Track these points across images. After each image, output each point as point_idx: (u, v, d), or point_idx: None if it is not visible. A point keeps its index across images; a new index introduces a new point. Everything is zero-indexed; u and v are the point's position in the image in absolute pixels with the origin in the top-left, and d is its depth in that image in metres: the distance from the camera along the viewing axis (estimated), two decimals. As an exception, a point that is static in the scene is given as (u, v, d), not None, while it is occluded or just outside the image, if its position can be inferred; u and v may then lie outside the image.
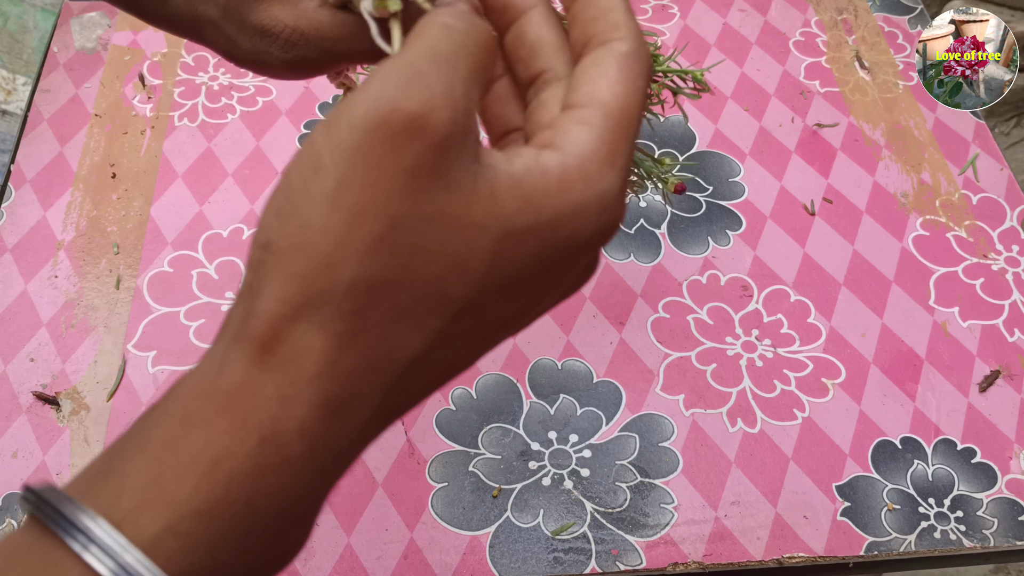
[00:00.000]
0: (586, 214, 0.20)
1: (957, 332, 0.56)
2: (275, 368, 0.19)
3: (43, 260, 0.57)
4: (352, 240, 0.18)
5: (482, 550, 0.47)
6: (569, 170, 0.20)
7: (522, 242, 0.20)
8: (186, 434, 0.19)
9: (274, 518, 0.19)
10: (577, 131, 0.21)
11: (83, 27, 0.71)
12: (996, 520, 0.48)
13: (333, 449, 0.20)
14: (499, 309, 0.21)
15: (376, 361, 0.19)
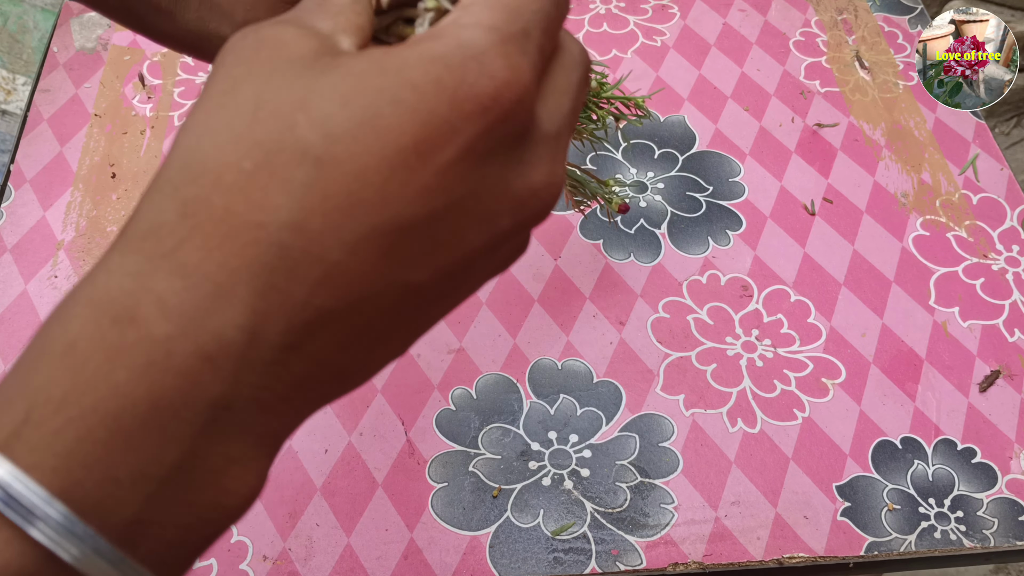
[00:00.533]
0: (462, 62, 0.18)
1: (957, 332, 0.56)
2: (133, 250, 0.18)
3: (43, 260, 0.57)
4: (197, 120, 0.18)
5: (482, 550, 0.47)
6: (437, 28, 0.19)
7: (371, 79, 0.18)
8: (49, 328, 0.18)
9: (149, 414, 0.17)
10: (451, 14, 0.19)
11: (83, 27, 0.71)
12: (996, 520, 0.48)
13: (214, 335, 0.17)
14: (388, 167, 0.18)
15: (238, 227, 0.17)
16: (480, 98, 0.18)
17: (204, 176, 0.18)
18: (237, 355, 0.18)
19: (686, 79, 0.69)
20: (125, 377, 0.17)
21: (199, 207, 0.17)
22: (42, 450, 0.17)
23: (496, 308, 0.56)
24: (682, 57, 0.71)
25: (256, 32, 0.19)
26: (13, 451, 0.16)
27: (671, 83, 0.69)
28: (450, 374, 0.53)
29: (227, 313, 0.17)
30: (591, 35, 0.72)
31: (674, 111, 0.67)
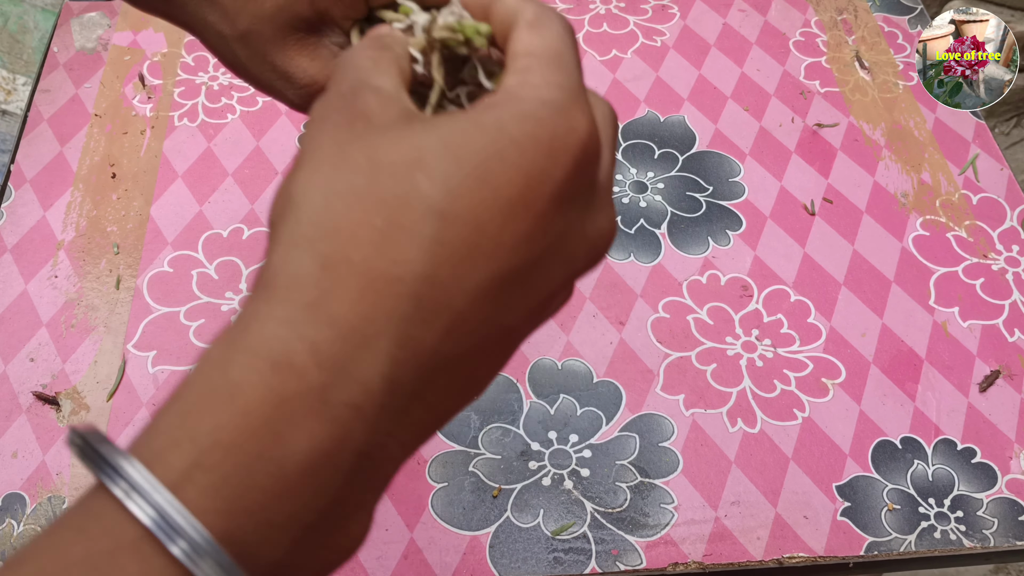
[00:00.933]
0: (538, 116, 0.20)
1: (957, 332, 0.56)
2: (275, 300, 0.19)
3: (43, 260, 0.57)
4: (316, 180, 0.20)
5: (482, 550, 0.47)
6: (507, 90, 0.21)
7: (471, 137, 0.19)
8: (208, 373, 0.19)
9: (309, 462, 0.18)
10: (506, 78, 0.22)
11: (83, 27, 0.71)
12: (996, 520, 0.48)
13: (362, 384, 0.18)
14: (498, 218, 0.19)
15: (378, 281, 0.18)
16: (571, 149, 0.20)
17: (339, 232, 0.19)
18: (379, 404, 0.19)
19: (686, 79, 0.69)
20: (288, 426, 0.18)
21: (339, 261, 0.18)
22: (211, 495, 0.17)
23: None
24: (682, 57, 0.71)
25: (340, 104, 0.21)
26: (185, 493, 0.17)
27: (671, 83, 0.69)
28: (450, 374, 0.53)
29: (372, 363, 0.18)
30: (591, 35, 0.72)
31: (674, 111, 0.67)
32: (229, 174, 0.62)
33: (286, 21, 0.30)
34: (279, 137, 0.65)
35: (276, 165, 0.63)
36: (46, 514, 0.47)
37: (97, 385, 0.52)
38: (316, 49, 0.31)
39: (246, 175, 0.62)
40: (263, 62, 0.31)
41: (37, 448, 0.50)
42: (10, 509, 0.48)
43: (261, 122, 0.65)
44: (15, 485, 0.48)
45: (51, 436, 0.50)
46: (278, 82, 0.31)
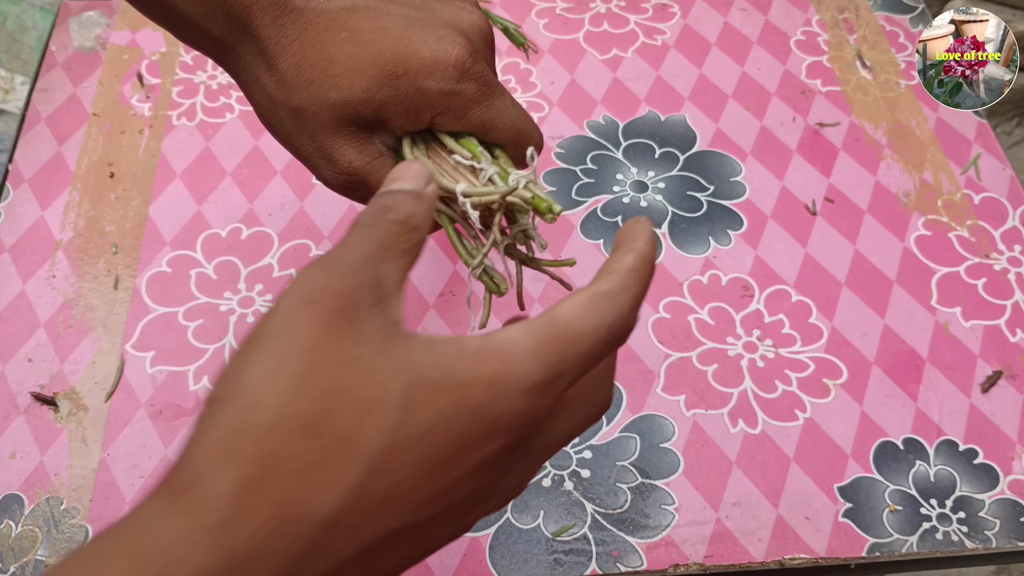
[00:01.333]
0: (501, 389, 0.20)
1: (959, 332, 0.55)
2: (184, 512, 0.19)
3: (41, 260, 0.57)
4: (274, 381, 0.19)
5: (482, 552, 0.47)
6: (488, 347, 0.21)
7: (433, 394, 0.20)
8: (87, 564, 0.18)
9: None
10: (513, 329, 0.21)
11: (81, 26, 0.71)
12: (998, 521, 0.48)
13: None
14: (420, 478, 0.20)
15: (286, 517, 0.19)
16: (503, 429, 0.21)
17: (270, 459, 0.19)
18: None
19: (687, 78, 0.69)
20: None
21: (258, 489, 0.19)
22: None
23: (496, 308, 0.56)
24: (683, 56, 0.70)
25: (331, 291, 0.21)
26: None
27: (672, 82, 0.69)
28: (450, 374, 0.53)
29: None
30: (591, 34, 0.72)
31: (675, 110, 0.67)
32: (228, 173, 0.62)
33: (346, 115, 0.30)
34: (278, 136, 0.64)
35: (275, 165, 0.63)
36: (44, 515, 0.47)
37: (95, 386, 0.52)
38: (365, 144, 0.31)
39: (245, 175, 0.62)
40: (310, 139, 0.31)
41: (35, 449, 0.49)
42: (8, 510, 0.47)
43: (259, 122, 0.65)
44: (13, 486, 0.48)
45: (49, 437, 0.50)
46: (319, 160, 0.32)
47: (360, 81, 0.30)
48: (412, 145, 0.32)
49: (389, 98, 0.30)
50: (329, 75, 0.30)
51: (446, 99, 0.30)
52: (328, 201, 0.61)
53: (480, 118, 0.31)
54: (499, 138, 0.32)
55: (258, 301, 0.56)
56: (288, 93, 0.31)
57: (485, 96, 0.31)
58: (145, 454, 0.50)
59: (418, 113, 0.31)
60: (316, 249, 0.58)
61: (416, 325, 0.55)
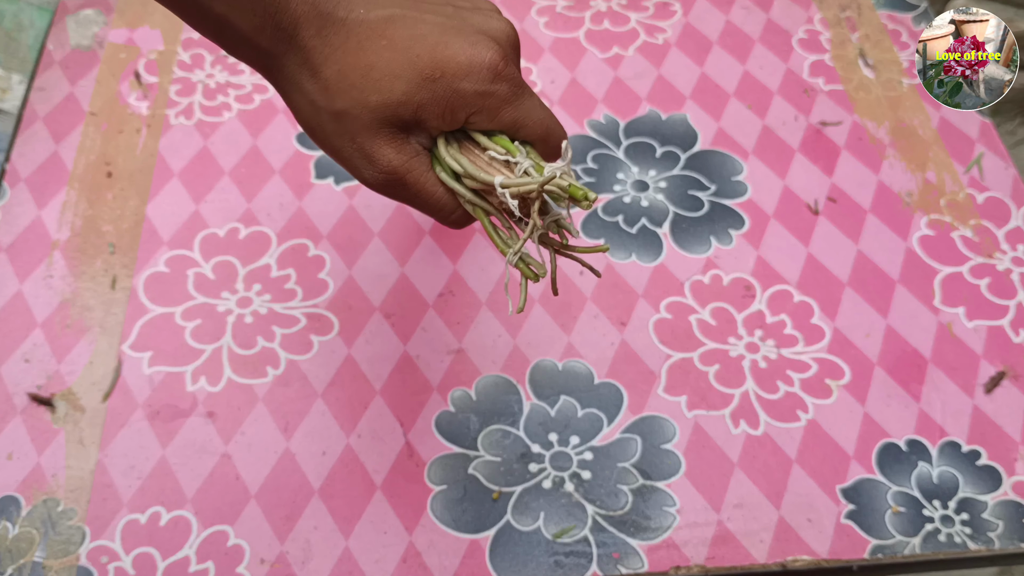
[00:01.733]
0: None
1: (962, 333, 0.55)
2: None
3: (38, 260, 0.57)
4: None
5: (482, 553, 0.46)
6: None
7: None
8: None
9: None
10: None
11: (79, 24, 0.70)
12: (1001, 523, 0.48)
13: None
14: None
15: None
16: None
17: None
18: None
19: (688, 77, 0.68)
20: None
21: None
22: None
23: (496, 308, 0.55)
24: (684, 55, 0.70)
25: None
26: None
27: (673, 81, 0.68)
28: (449, 375, 0.52)
29: None
30: (592, 32, 0.71)
31: (676, 109, 0.66)
32: (226, 173, 0.62)
33: (386, 117, 0.33)
34: (276, 135, 0.64)
35: (273, 164, 0.62)
36: (41, 516, 0.47)
37: (92, 386, 0.52)
38: (403, 144, 0.33)
39: (243, 174, 0.62)
40: (351, 141, 0.33)
41: (32, 450, 0.49)
42: (5, 511, 0.47)
43: (258, 120, 0.65)
44: (10, 487, 0.48)
45: (46, 438, 0.50)
46: (358, 159, 0.34)
47: (399, 84, 0.32)
48: (447, 144, 0.34)
49: (427, 99, 0.32)
50: (370, 80, 0.32)
51: (481, 99, 0.33)
52: (326, 201, 0.60)
53: (512, 117, 0.33)
54: (529, 135, 0.34)
55: (256, 301, 0.55)
56: (331, 98, 0.32)
57: (516, 96, 0.33)
58: (143, 455, 0.49)
59: (454, 113, 0.33)
60: (314, 249, 0.58)
61: (415, 325, 0.54)
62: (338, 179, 0.62)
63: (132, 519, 0.47)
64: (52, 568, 0.46)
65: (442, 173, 0.34)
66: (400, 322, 0.55)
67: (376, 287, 0.56)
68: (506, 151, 0.33)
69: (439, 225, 0.59)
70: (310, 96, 0.33)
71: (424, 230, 0.59)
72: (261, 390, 0.52)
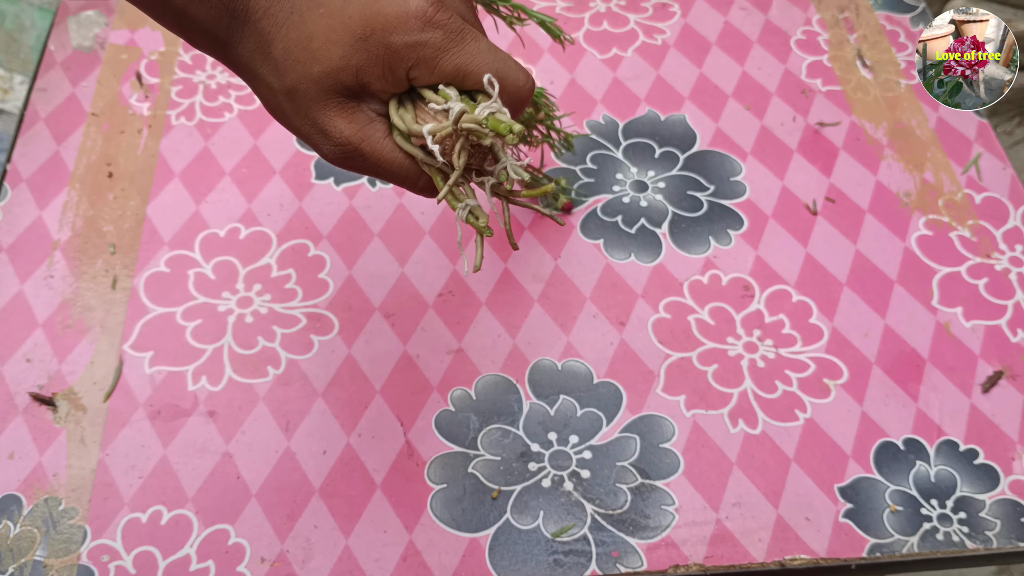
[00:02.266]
0: None
1: (960, 332, 0.55)
2: None
3: (39, 260, 0.57)
4: None
5: (481, 552, 0.46)
6: None
7: None
8: None
9: None
10: None
11: (80, 25, 0.71)
12: (999, 522, 0.48)
13: None
14: None
15: None
16: None
17: None
18: None
19: (687, 78, 0.69)
20: None
21: None
22: None
23: (496, 308, 0.56)
24: (683, 56, 0.70)
25: None
26: None
27: (672, 82, 0.68)
28: (449, 375, 0.53)
29: None
30: (591, 33, 0.72)
31: (675, 110, 0.66)
32: (226, 173, 0.62)
33: (330, 86, 0.32)
34: (277, 136, 0.64)
35: (274, 164, 0.62)
36: (42, 515, 0.47)
37: (94, 386, 0.52)
38: (354, 113, 0.32)
39: (243, 174, 0.62)
40: (305, 117, 0.32)
41: (34, 449, 0.49)
42: (7, 510, 0.47)
43: (259, 121, 0.65)
44: (11, 486, 0.48)
45: (47, 437, 0.50)
46: (316, 136, 0.33)
47: (337, 50, 0.31)
48: (399, 106, 0.32)
49: (363, 61, 0.31)
50: (310, 51, 0.31)
51: (414, 51, 0.31)
52: (327, 201, 0.61)
53: (452, 65, 0.31)
54: (478, 83, 0.32)
55: (256, 301, 0.55)
56: (281, 76, 0.32)
57: (453, 42, 0.31)
58: (144, 454, 0.49)
59: (393, 71, 0.31)
60: (315, 249, 0.58)
61: (415, 325, 0.55)
62: (338, 179, 0.62)
63: (133, 518, 0.47)
64: (53, 567, 0.46)
65: (399, 138, 0.33)
66: (400, 322, 0.55)
67: (376, 287, 0.56)
68: (444, 100, 0.31)
69: (439, 225, 0.59)
70: (265, 79, 0.32)
71: (424, 230, 0.59)
72: (262, 390, 0.52)
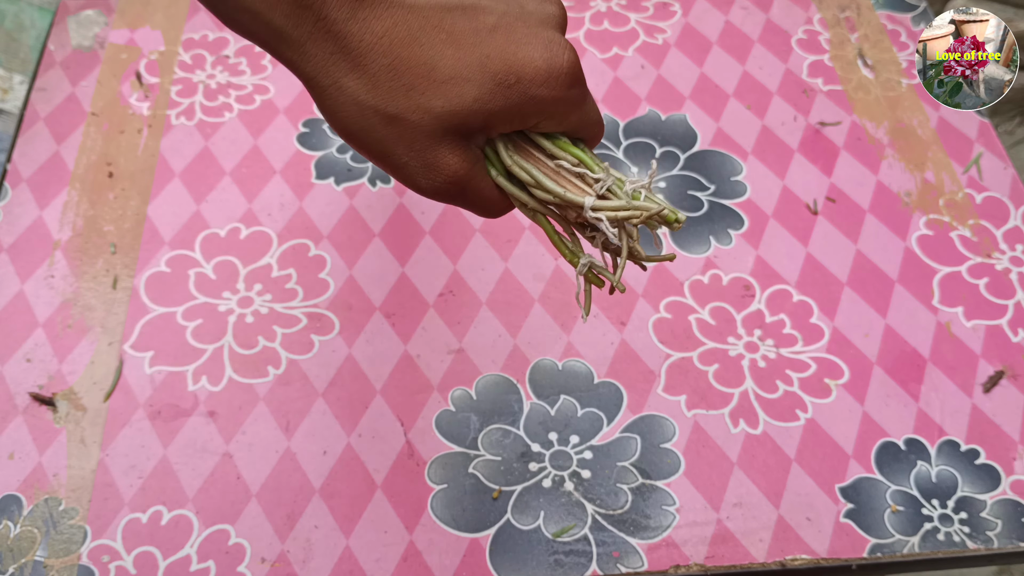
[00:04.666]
0: None
1: (961, 332, 0.55)
2: None
3: (39, 260, 0.57)
4: None
5: (482, 552, 0.46)
6: None
7: None
8: None
9: None
10: None
11: (80, 25, 0.71)
12: (1000, 522, 0.48)
13: None
14: None
15: None
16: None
17: None
18: None
19: (688, 77, 0.69)
20: None
21: None
22: None
23: (496, 308, 0.55)
24: (683, 55, 0.70)
25: None
26: None
27: (672, 81, 0.68)
28: (450, 375, 0.53)
29: None
30: (592, 32, 0.72)
31: (675, 109, 0.66)
32: (227, 173, 0.62)
33: (453, 125, 0.29)
34: (277, 136, 0.64)
35: (274, 164, 0.62)
36: (43, 515, 0.47)
37: (94, 386, 0.52)
38: (467, 151, 0.30)
39: (244, 174, 0.62)
40: (407, 148, 0.29)
41: (34, 449, 0.49)
42: (7, 511, 0.47)
43: (259, 120, 0.65)
44: (11, 487, 0.48)
45: (48, 437, 0.50)
46: (416, 168, 0.30)
47: (470, 90, 0.28)
48: (506, 148, 0.32)
49: (500, 108, 0.29)
50: (433, 81, 0.28)
51: (556, 105, 0.30)
52: (327, 201, 0.60)
53: (578, 119, 0.31)
54: (585, 135, 0.32)
55: (257, 301, 0.55)
56: (383, 99, 0.28)
57: (584, 99, 0.31)
58: (144, 454, 0.49)
59: (525, 120, 0.30)
60: (315, 249, 0.58)
61: (416, 325, 0.55)
62: (338, 179, 0.62)
63: (133, 518, 0.47)
64: (53, 567, 0.46)
65: (499, 177, 0.32)
66: (400, 322, 0.55)
67: (376, 287, 0.56)
68: (579, 161, 0.31)
69: (439, 225, 0.59)
70: (353, 95, 0.28)
71: (424, 230, 0.59)
72: (262, 390, 0.52)
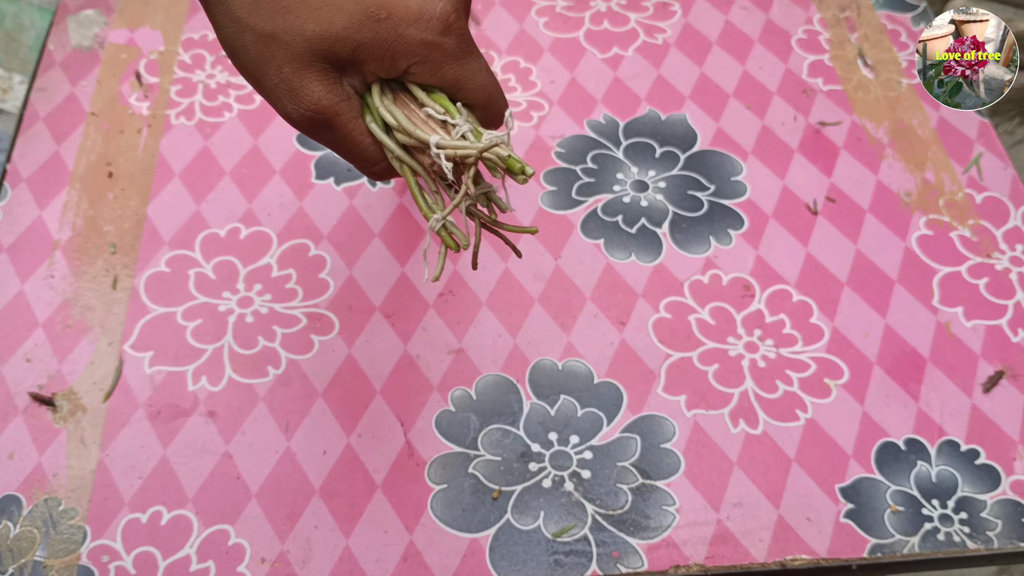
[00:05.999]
0: None
1: (961, 332, 0.55)
2: None
3: (39, 260, 0.57)
4: None
5: (482, 552, 0.46)
6: None
7: None
8: None
9: None
10: None
11: (79, 25, 0.71)
12: (1000, 522, 0.48)
13: None
14: None
15: None
16: None
17: None
18: None
19: (687, 77, 0.69)
20: None
21: None
22: None
23: (496, 308, 0.55)
24: (683, 55, 0.70)
25: None
26: None
27: (672, 81, 0.68)
28: (450, 375, 0.53)
29: None
30: (591, 32, 0.72)
31: (675, 109, 0.66)
32: (226, 173, 0.62)
33: (320, 50, 0.30)
34: (277, 136, 0.64)
35: (274, 164, 0.62)
36: (42, 515, 0.47)
37: (94, 386, 0.52)
38: (335, 83, 0.31)
39: (243, 174, 0.62)
40: (276, 70, 0.30)
41: (33, 449, 0.49)
42: (6, 511, 0.47)
43: (259, 120, 0.65)
44: (11, 487, 0.48)
45: (47, 437, 0.50)
46: (283, 92, 0.31)
47: (341, 17, 0.29)
48: (381, 92, 0.32)
49: (368, 40, 0.30)
50: (308, 6, 0.29)
51: (426, 49, 0.30)
52: (327, 201, 0.60)
53: (455, 74, 0.31)
54: (469, 98, 0.32)
55: (257, 301, 0.55)
56: (260, 17, 0.29)
57: (463, 54, 0.31)
58: (144, 454, 0.49)
59: (395, 59, 0.31)
60: (315, 249, 0.58)
61: (416, 325, 0.55)
62: (338, 179, 0.62)
63: (133, 518, 0.47)
64: (53, 567, 0.46)
65: (372, 123, 0.32)
66: (400, 322, 0.55)
67: (376, 287, 0.56)
68: (445, 110, 0.31)
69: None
70: (234, 11, 0.30)
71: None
72: (262, 390, 0.52)
